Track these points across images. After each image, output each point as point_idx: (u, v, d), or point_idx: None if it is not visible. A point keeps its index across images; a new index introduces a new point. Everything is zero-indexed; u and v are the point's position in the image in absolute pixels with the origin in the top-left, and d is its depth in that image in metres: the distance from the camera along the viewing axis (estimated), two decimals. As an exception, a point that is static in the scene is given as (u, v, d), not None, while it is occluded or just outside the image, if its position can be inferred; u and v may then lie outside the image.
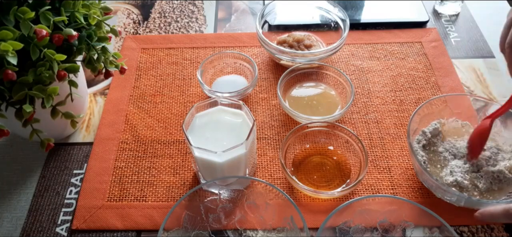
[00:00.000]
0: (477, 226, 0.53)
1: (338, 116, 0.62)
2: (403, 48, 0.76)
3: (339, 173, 0.58)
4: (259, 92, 0.70)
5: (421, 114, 0.58)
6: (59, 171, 0.60)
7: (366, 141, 0.62)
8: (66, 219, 0.55)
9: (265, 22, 0.77)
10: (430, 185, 0.53)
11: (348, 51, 0.76)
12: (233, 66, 0.72)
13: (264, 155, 0.61)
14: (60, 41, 0.46)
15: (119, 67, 0.57)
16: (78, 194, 0.57)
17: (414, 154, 0.52)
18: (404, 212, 0.48)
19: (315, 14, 0.79)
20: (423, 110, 0.58)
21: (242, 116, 0.55)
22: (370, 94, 0.69)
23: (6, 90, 0.46)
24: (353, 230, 0.49)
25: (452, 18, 0.83)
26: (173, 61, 0.75)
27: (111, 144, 0.63)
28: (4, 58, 0.42)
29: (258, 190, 0.50)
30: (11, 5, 0.44)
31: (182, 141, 0.63)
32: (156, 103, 0.68)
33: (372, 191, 0.57)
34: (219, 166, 0.51)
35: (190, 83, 0.71)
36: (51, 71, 0.47)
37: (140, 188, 0.58)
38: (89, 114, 0.68)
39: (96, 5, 0.54)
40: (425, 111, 0.58)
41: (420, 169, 0.51)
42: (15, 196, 0.58)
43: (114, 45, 0.79)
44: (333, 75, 0.68)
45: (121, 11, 0.87)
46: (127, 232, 0.54)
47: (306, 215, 0.53)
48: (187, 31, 0.82)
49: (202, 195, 0.50)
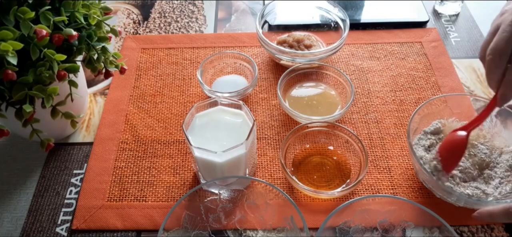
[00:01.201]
0: (477, 226, 0.53)
1: (338, 116, 0.62)
2: (403, 48, 0.76)
3: (339, 173, 0.58)
4: (259, 92, 0.70)
5: (421, 114, 0.58)
6: (59, 171, 0.60)
7: (366, 141, 0.62)
8: (66, 219, 0.55)
9: (265, 22, 0.77)
10: (430, 185, 0.53)
11: (348, 51, 0.76)
12: (233, 66, 0.72)
13: (264, 155, 0.61)
14: (60, 41, 0.46)
15: (119, 67, 0.57)
16: (78, 194, 0.57)
17: (414, 153, 0.52)
18: (404, 212, 0.48)
19: (315, 14, 0.79)
20: (423, 110, 0.58)
21: (242, 116, 0.55)
22: (370, 94, 0.69)
23: (6, 90, 0.46)
24: (353, 230, 0.49)
25: (452, 18, 0.83)
26: (173, 61, 0.75)
27: (111, 144, 0.63)
28: (4, 58, 0.42)
29: (258, 190, 0.50)
30: (11, 5, 0.44)
31: (182, 141, 0.63)
32: (156, 103, 0.68)
33: (372, 191, 0.57)
34: (219, 166, 0.51)
35: (190, 83, 0.71)
36: (51, 71, 0.47)
37: (140, 188, 0.58)
38: (89, 114, 0.68)
39: (96, 5, 0.54)
40: (425, 111, 0.58)
41: (420, 169, 0.51)
42: (15, 196, 0.58)
43: (114, 45, 0.79)
44: (333, 75, 0.68)
45: (121, 11, 0.87)
46: (127, 232, 0.54)
47: (306, 215, 0.53)
48: (187, 31, 0.82)
49: (202, 195, 0.50)
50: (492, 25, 0.49)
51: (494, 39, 0.47)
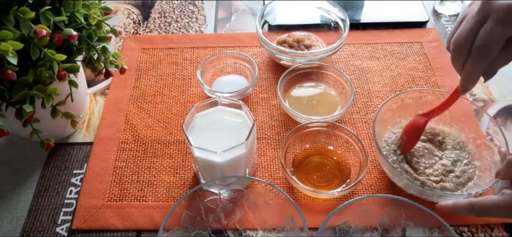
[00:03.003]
0: (477, 225, 0.53)
1: (338, 116, 0.62)
2: (403, 48, 0.76)
3: (339, 173, 0.58)
4: (259, 92, 0.70)
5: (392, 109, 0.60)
6: (59, 171, 0.60)
7: (366, 141, 0.62)
8: (66, 219, 0.55)
9: (265, 22, 0.77)
10: (383, 167, 0.55)
11: (348, 51, 0.76)
12: (233, 66, 0.72)
13: (264, 155, 0.61)
14: (60, 41, 0.47)
15: (119, 67, 0.57)
16: (78, 194, 0.57)
17: (373, 128, 0.54)
18: (404, 212, 0.48)
19: (315, 14, 0.79)
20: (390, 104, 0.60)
21: (242, 116, 0.55)
22: (370, 94, 0.69)
23: (6, 90, 0.46)
24: (353, 230, 0.49)
25: (452, 18, 0.83)
26: (173, 61, 0.75)
27: (111, 144, 0.63)
28: (4, 58, 0.42)
29: (258, 190, 0.50)
30: (11, 5, 0.44)
31: (182, 141, 0.63)
32: (156, 103, 0.68)
33: (372, 191, 0.57)
34: (219, 166, 0.51)
35: (190, 83, 0.71)
36: (51, 71, 0.47)
37: (140, 188, 0.58)
38: (89, 114, 0.68)
39: (96, 5, 0.54)
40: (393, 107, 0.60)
41: (377, 150, 0.54)
42: (15, 196, 0.58)
43: (114, 45, 0.79)
44: (333, 75, 0.68)
45: (121, 11, 0.87)
46: (127, 232, 0.54)
47: (306, 215, 0.53)
48: (187, 31, 0.82)
49: (202, 195, 0.50)
50: (460, 15, 0.49)
51: (457, 30, 0.47)
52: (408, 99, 0.60)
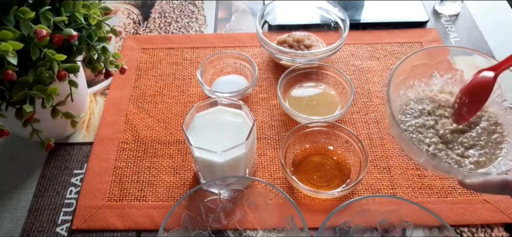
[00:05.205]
0: (477, 225, 0.53)
1: (338, 116, 0.62)
2: (403, 48, 0.76)
3: (339, 173, 0.58)
4: (259, 92, 0.70)
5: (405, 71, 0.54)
6: (59, 171, 0.60)
7: (366, 141, 0.63)
8: (66, 219, 0.55)
9: (265, 22, 0.77)
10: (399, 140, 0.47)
11: (348, 51, 0.76)
12: (233, 66, 0.72)
13: (264, 155, 0.61)
14: (60, 41, 0.47)
15: (119, 67, 0.57)
16: (78, 194, 0.57)
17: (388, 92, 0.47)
18: (404, 212, 0.48)
19: (315, 14, 0.79)
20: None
21: (242, 116, 0.55)
22: (370, 94, 0.69)
23: (6, 90, 0.46)
24: (353, 230, 0.49)
25: (452, 18, 0.83)
26: (173, 61, 0.75)
27: (111, 144, 0.63)
28: (4, 58, 0.42)
29: (258, 190, 0.50)
30: (11, 5, 0.44)
31: (182, 141, 0.63)
32: (156, 103, 0.68)
33: (372, 191, 0.57)
34: (219, 166, 0.51)
35: (190, 83, 0.71)
36: (51, 71, 0.47)
37: (140, 188, 0.58)
38: (89, 114, 0.68)
39: (96, 5, 0.54)
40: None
41: (390, 117, 0.46)
42: (15, 196, 0.58)
43: (114, 45, 0.79)
44: (333, 75, 0.68)
45: (121, 11, 0.87)
46: (127, 232, 0.54)
47: (306, 215, 0.53)
48: (187, 31, 0.82)
49: (202, 195, 0.50)
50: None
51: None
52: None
